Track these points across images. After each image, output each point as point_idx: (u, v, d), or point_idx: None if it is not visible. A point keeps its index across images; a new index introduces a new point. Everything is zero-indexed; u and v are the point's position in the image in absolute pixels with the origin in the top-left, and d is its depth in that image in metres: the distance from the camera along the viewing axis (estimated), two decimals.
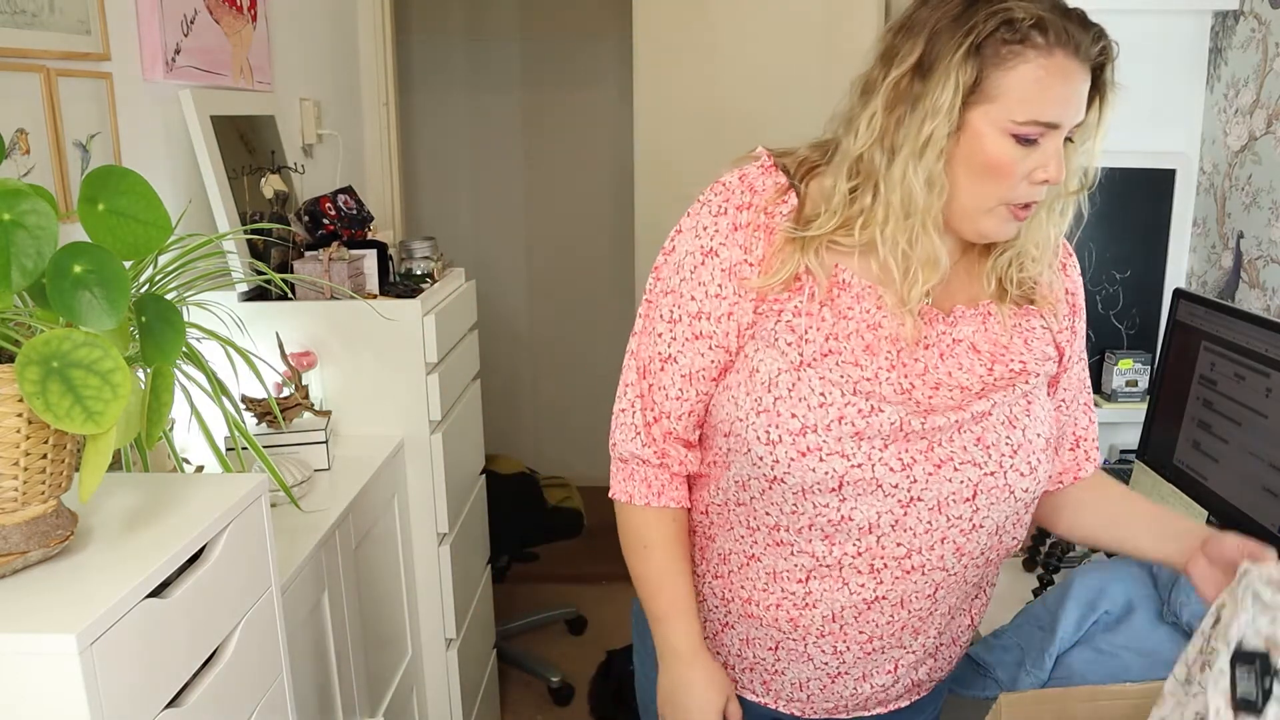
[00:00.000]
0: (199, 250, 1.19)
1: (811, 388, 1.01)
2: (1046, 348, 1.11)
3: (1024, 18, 0.92)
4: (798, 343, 1.02)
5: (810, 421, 1.00)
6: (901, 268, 1.00)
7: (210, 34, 1.92)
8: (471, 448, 2.32)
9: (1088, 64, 0.96)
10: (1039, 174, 0.97)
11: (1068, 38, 0.93)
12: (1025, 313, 1.09)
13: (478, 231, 4.02)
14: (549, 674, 2.82)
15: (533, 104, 3.91)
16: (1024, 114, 0.94)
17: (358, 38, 2.83)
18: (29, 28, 1.41)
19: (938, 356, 1.05)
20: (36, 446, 0.89)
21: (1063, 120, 0.96)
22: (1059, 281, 1.12)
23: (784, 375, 1.01)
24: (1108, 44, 0.98)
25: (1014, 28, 0.92)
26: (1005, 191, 0.98)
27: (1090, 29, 0.96)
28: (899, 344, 1.03)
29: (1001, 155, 0.95)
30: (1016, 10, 0.92)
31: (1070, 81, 0.95)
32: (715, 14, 2.92)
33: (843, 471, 1.01)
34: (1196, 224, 1.91)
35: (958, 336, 1.06)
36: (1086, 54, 0.95)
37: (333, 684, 1.56)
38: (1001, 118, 0.94)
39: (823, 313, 1.02)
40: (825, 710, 1.21)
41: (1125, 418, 1.89)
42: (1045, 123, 0.95)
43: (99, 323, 0.84)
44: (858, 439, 1.00)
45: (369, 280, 1.98)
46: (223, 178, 1.86)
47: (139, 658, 0.89)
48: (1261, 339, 1.40)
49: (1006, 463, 1.05)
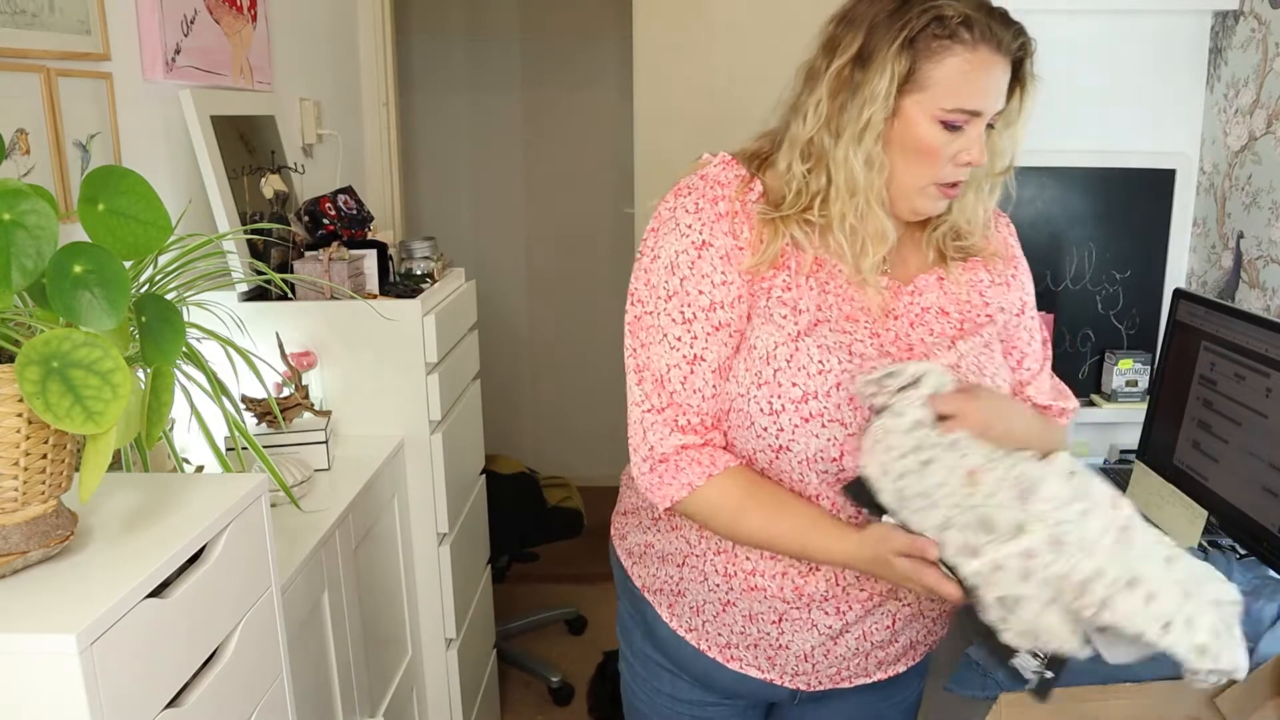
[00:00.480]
0: (199, 250, 1.19)
1: (810, 356, 1.07)
2: (996, 296, 1.21)
3: (953, 15, 1.02)
4: (792, 314, 1.08)
5: (811, 389, 1.06)
6: (852, 241, 1.08)
7: (210, 34, 1.92)
8: (471, 448, 2.32)
9: (1009, 58, 1.05)
10: (963, 156, 1.07)
11: (991, 34, 1.03)
12: (971, 266, 1.19)
13: (478, 231, 4.02)
14: (549, 674, 2.82)
15: (533, 104, 3.91)
16: (951, 102, 1.04)
17: (358, 38, 2.83)
18: (29, 28, 1.41)
19: (908, 325, 1.14)
20: (36, 446, 0.89)
21: (985, 108, 1.06)
22: (995, 237, 1.22)
23: (781, 348, 1.07)
24: (1027, 40, 1.07)
25: (944, 24, 1.02)
26: (934, 172, 1.08)
27: (1011, 26, 1.05)
28: (872, 315, 1.11)
29: (931, 139, 1.05)
30: (946, 8, 1.02)
31: (992, 74, 1.04)
32: (715, 14, 2.91)
33: (842, 440, 1.07)
34: (1196, 224, 1.91)
35: (925, 305, 1.15)
36: (1008, 49, 1.04)
37: (333, 684, 1.56)
38: (931, 105, 1.04)
39: (809, 284, 1.10)
40: (829, 679, 1.23)
41: (1125, 418, 1.89)
42: (969, 110, 1.04)
43: (99, 323, 0.84)
44: (854, 405, 1.07)
45: (369, 280, 1.98)
46: (223, 178, 1.86)
47: (139, 658, 0.89)
48: (1261, 339, 1.40)
49: None
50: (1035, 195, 1.89)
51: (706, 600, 1.21)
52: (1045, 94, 1.86)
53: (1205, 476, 1.49)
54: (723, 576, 1.19)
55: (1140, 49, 1.86)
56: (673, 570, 1.23)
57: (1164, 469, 1.59)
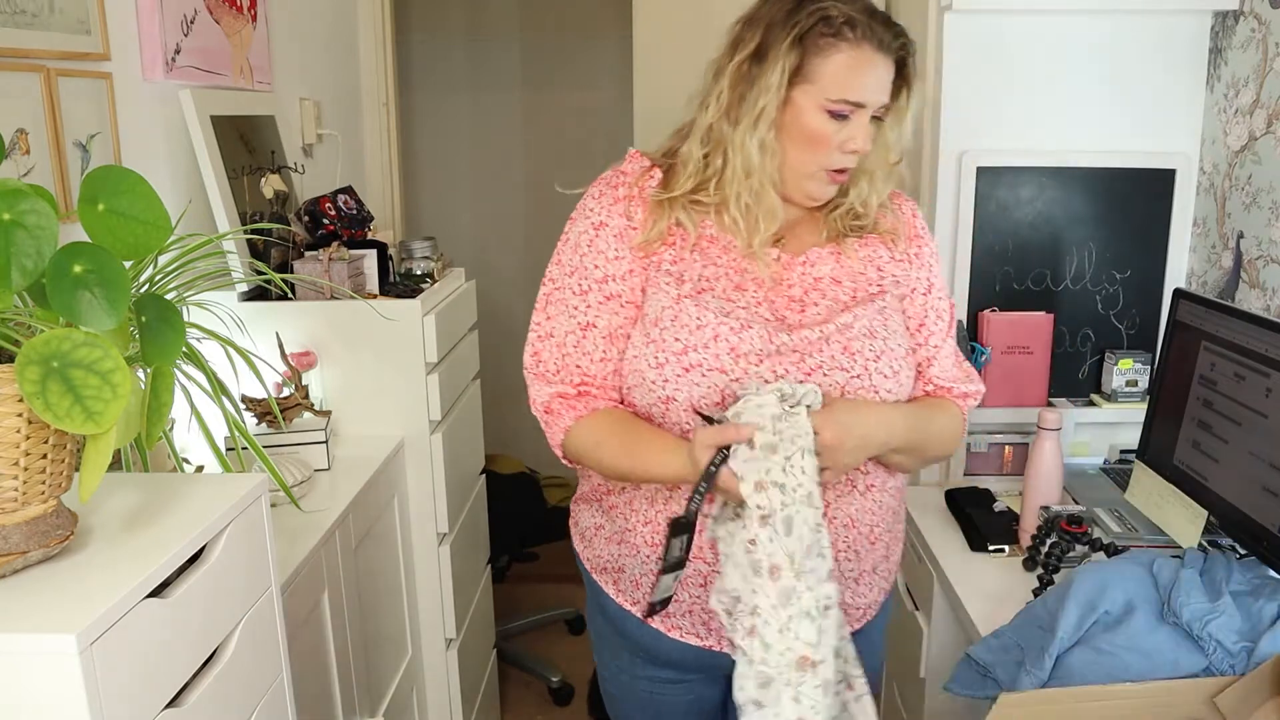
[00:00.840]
0: (199, 250, 1.19)
1: (690, 315, 1.19)
2: (895, 270, 1.29)
3: (838, 16, 1.14)
4: (676, 283, 1.21)
5: (691, 342, 1.18)
6: (746, 219, 1.20)
7: (210, 34, 1.92)
8: (471, 448, 2.32)
9: (890, 56, 1.17)
10: (850, 144, 1.18)
11: (873, 34, 1.14)
12: (868, 242, 1.28)
13: (478, 231, 4.02)
14: (549, 674, 2.82)
15: (533, 104, 3.91)
16: (836, 94, 1.15)
17: (358, 38, 2.83)
18: (29, 28, 1.41)
19: (802, 293, 1.23)
20: (36, 446, 0.89)
21: (867, 100, 1.17)
22: (897, 216, 1.31)
23: (667, 310, 1.20)
24: (907, 41, 1.18)
25: (830, 23, 1.14)
26: (823, 159, 1.19)
27: (892, 28, 1.17)
28: (763, 285, 1.21)
29: (819, 127, 1.17)
30: (832, 10, 1.14)
31: (875, 69, 1.16)
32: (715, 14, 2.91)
33: (723, 385, 1.17)
34: (1196, 224, 1.91)
35: (817, 275, 1.24)
36: (889, 48, 1.16)
37: (333, 684, 1.56)
38: (819, 96, 1.16)
39: (694, 258, 1.22)
40: None
41: (1125, 418, 1.89)
42: (853, 102, 1.16)
43: (99, 323, 0.84)
44: (734, 355, 1.17)
45: (369, 280, 1.98)
46: (223, 178, 1.86)
47: (139, 658, 0.89)
48: (1261, 339, 1.40)
49: (871, 366, 1.20)
50: (1035, 195, 1.89)
51: (642, 573, 1.28)
52: (1046, 94, 1.88)
53: (1205, 476, 1.49)
54: (650, 547, 1.26)
55: (1140, 49, 1.86)
56: (614, 548, 1.33)
57: (1164, 469, 1.59)
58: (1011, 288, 1.93)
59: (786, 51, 1.14)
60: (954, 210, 1.90)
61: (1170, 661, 1.16)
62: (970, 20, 1.84)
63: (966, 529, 1.73)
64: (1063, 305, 1.93)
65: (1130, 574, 1.26)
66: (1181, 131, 1.90)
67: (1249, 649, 1.14)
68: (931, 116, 1.93)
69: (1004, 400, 1.91)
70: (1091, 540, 1.53)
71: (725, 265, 1.21)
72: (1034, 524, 1.64)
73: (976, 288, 1.93)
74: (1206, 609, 1.17)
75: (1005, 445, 1.92)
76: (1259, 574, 1.29)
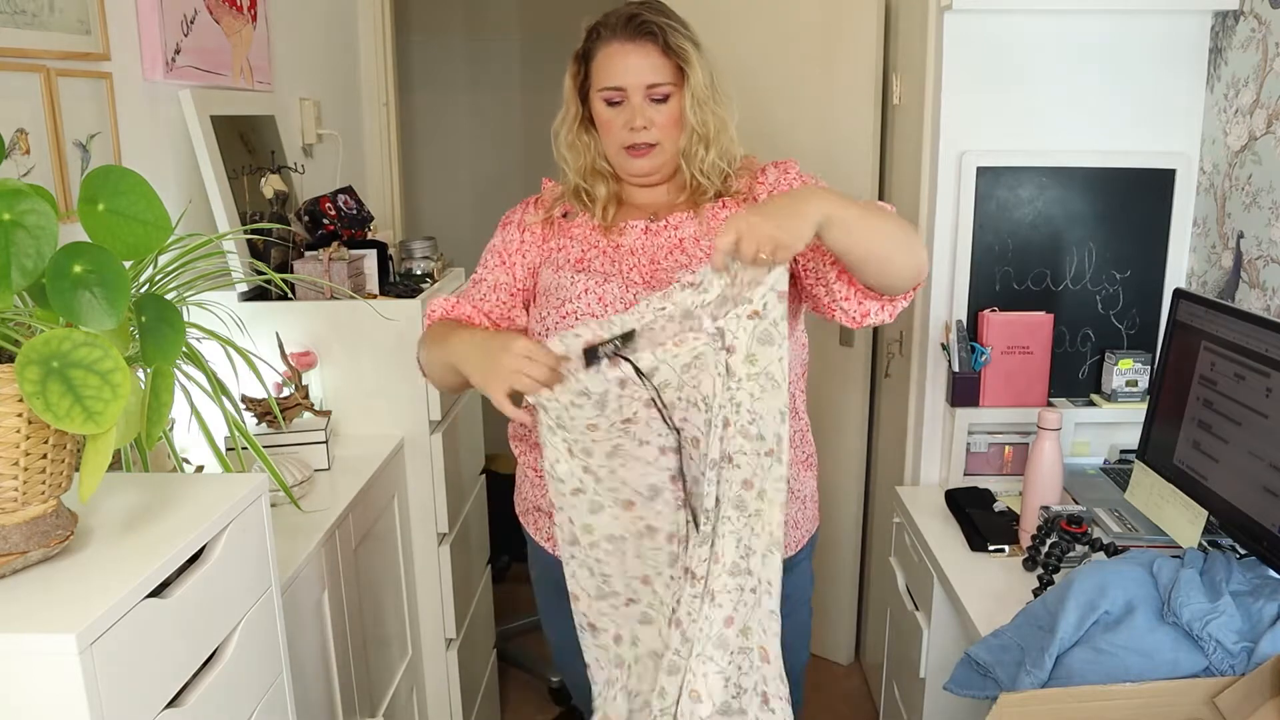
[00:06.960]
0: (199, 250, 1.19)
1: (567, 280, 1.43)
2: None
3: (598, 25, 1.44)
4: (562, 262, 1.47)
5: (566, 295, 1.41)
6: (589, 201, 1.48)
7: (210, 34, 1.92)
8: (471, 448, 2.32)
9: (640, 42, 1.39)
10: (631, 123, 1.41)
11: (617, 31, 1.40)
12: (725, 205, 1.46)
13: (478, 231, 4.00)
14: (549, 674, 2.81)
15: (533, 104, 3.91)
16: (600, 83, 1.42)
17: (358, 38, 2.83)
18: (29, 28, 1.41)
19: (665, 253, 1.43)
20: (36, 446, 0.89)
21: (626, 83, 1.40)
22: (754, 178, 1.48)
23: (552, 279, 1.45)
24: (650, 23, 1.39)
25: (591, 34, 1.44)
26: (617, 139, 1.43)
27: (634, 20, 1.40)
28: (635, 253, 1.44)
29: (602, 114, 1.43)
30: (597, 24, 1.44)
31: (625, 57, 1.40)
32: (714, 17, 2.91)
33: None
34: (1196, 224, 1.91)
35: (681, 236, 1.44)
36: (631, 35, 1.39)
37: (333, 684, 1.56)
38: (597, 88, 1.42)
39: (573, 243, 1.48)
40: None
41: (1125, 418, 1.89)
42: (615, 87, 1.41)
43: (99, 323, 0.84)
44: (601, 303, 1.39)
45: (369, 280, 1.98)
46: (223, 178, 1.86)
47: (139, 658, 0.89)
48: (1261, 339, 1.40)
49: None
50: (1035, 195, 1.89)
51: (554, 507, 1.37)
52: (1046, 94, 1.88)
53: (1205, 476, 1.49)
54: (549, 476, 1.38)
55: (1140, 49, 1.86)
56: (528, 490, 1.54)
57: (1164, 469, 1.59)
58: (1011, 288, 1.93)
59: (572, 64, 1.46)
60: (954, 210, 1.90)
61: (1170, 661, 1.16)
62: (970, 20, 1.84)
63: (966, 529, 1.73)
64: (1063, 305, 1.93)
65: (1130, 574, 1.26)
66: (1181, 131, 1.90)
67: (1249, 649, 1.14)
68: (931, 116, 1.93)
69: (1004, 400, 1.91)
70: (1091, 540, 1.53)
71: (583, 241, 1.47)
72: (1034, 524, 1.64)
73: (976, 288, 1.93)
74: (1206, 609, 1.17)
75: (1005, 445, 1.92)
76: (1259, 574, 1.29)
